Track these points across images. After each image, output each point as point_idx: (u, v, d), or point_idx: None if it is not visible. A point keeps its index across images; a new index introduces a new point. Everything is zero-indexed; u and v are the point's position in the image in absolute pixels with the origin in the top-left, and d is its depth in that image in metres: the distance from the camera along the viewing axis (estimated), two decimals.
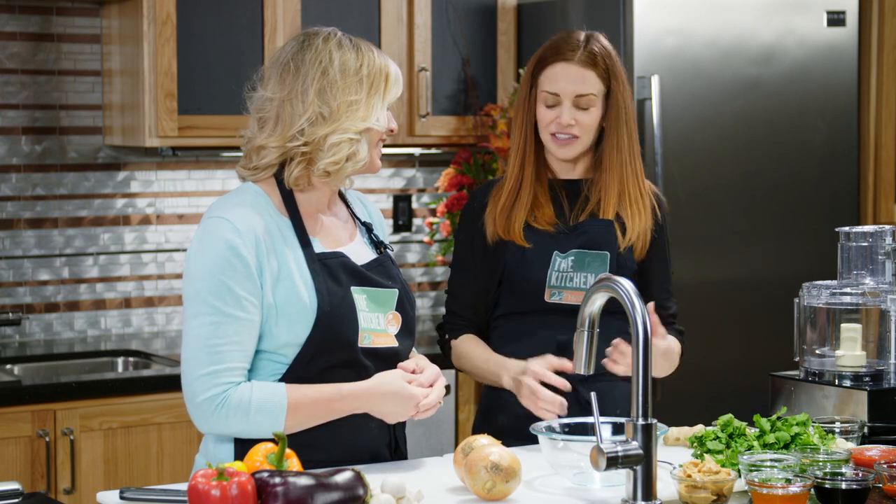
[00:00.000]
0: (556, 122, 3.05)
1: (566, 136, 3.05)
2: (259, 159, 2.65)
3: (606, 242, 3.05)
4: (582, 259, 3.04)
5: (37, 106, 4.46)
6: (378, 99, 2.64)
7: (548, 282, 3.05)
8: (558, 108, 3.05)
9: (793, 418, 2.67)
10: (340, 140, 2.61)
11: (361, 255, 2.72)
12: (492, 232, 3.09)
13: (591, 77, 3.04)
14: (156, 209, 4.64)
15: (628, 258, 3.07)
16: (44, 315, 4.49)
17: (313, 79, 2.61)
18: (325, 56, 2.62)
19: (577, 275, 3.04)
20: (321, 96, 2.60)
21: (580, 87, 3.03)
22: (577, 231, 3.07)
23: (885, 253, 3.07)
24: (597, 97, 3.04)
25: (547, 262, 3.05)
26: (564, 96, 3.04)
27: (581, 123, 3.04)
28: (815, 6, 4.74)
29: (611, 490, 2.48)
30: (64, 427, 3.82)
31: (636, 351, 2.34)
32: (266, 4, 4.42)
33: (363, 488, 2.14)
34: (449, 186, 4.91)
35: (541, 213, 3.08)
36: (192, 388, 2.55)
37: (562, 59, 3.05)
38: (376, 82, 2.64)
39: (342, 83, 2.61)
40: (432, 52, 4.76)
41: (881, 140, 4.96)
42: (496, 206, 3.10)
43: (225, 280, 2.54)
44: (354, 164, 2.64)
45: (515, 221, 3.07)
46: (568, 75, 3.04)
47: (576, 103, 3.04)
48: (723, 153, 4.60)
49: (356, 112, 2.61)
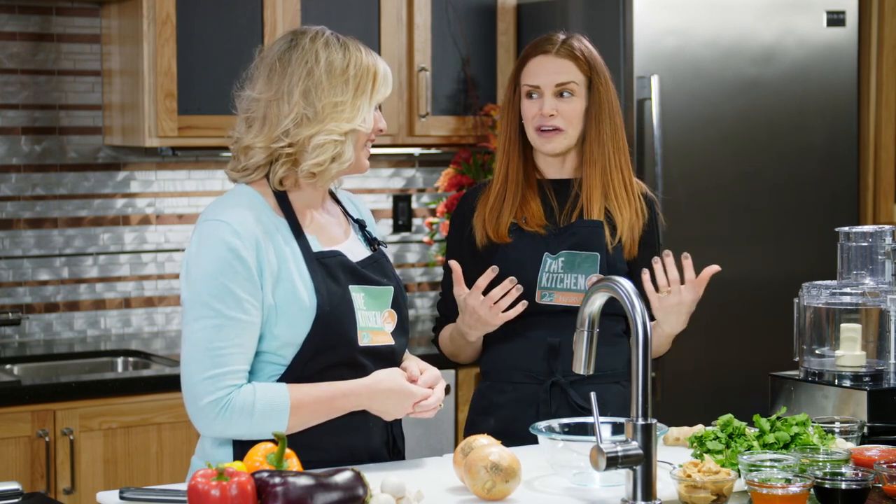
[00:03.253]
0: (538, 115, 3.06)
1: (550, 129, 3.07)
2: (247, 160, 2.65)
3: (596, 243, 3.06)
4: (573, 260, 3.05)
5: (37, 106, 4.46)
6: (365, 99, 2.63)
7: (538, 283, 3.05)
8: (540, 100, 3.07)
9: (792, 418, 2.67)
10: (325, 141, 2.60)
11: (357, 253, 2.72)
12: (481, 235, 3.11)
13: (570, 66, 3.07)
14: (155, 209, 4.64)
15: (618, 258, 3.08)
16: (43, 315, 4.49)
17: (299, 79, 2.60)
18: (312, 56, 2.62)
19: (568, 276, 3.05)
20: (306, 97, 2.60)
21: (558, 76, 3.06)
22: (567, 232, 3.08)
23: (885, 253, 3.07)
24: (578, 86, 3.07)
25: (537, 264, 3.06)
26: (545, 87, 3.07)
27: (563, 113, 3.06)
28: (814, 6, 4.74)
29: (610, 490, 2.48)
30: (64, 427, 3.82)
31: (636, 351, 2.34)
32: (266, 5, 4.42)
33: (363, 488, 2.14)
34: (449, 186, 4.91)
35: (530, 214, 3.09)
36: (194, 391, 2.54)
37: (540, 52, 3.10)
38: (363, 82, 2.63)
39: (328, 84, 2.60)
40: (432, 53, 4.76)
41: (881, 140, 4.96)
42: (484, 208, 3.12)
43: (226, 283, 2.54)
44: (339, 164, 2.63)
45: (502, 223, 3.08)
46: (546, 66, 3.07)
47: (556, 93, 3.06)
48: (723, 153, 4.60)
49: (341, 113, 2.61)
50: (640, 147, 4.41)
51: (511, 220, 3.09)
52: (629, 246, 3.09)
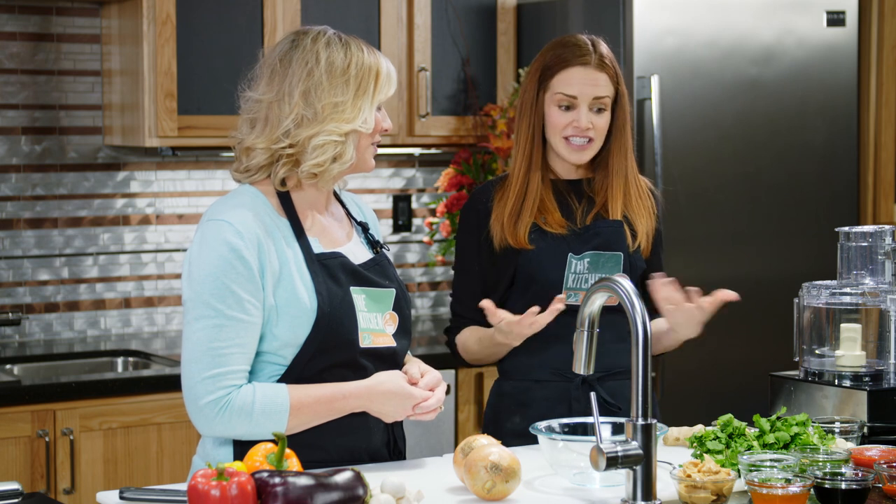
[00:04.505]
0: (572, 126, 3.06)
1: (583, 141, 3.07)
2: (249, 160, 2.65)
3: (619, 243, 3.09)
4: (597, 260, 3.07)
5: (36, 106, 4.46)
6: (366, 99, 2.63)
7: (564, 284, 3.05)
8: (574, 112, 3.06)
9: (792, 418, 2.67)
10: (325, 142, 2.60)
11: (359, 255, 2.72)
12: (500, 238, 3.09)
13: (605, 80, 3.08)
14: (155, 209, 4.64)
15: (637, 258, 3.12)
16: (43, 315, 4.49)
17: (299, 80, 2.60)
18: (312, 56, 2.61)
19: (593, 276, 3.06)
20: (306, 98, 2.60)
21: (597, 89, 3.06)
22: (589, 232, 3.09)
23: (885, 253, 3.07)
24: (610, 100, 3.09)
25: (562, 265, 3.06)
26: (582, 100, 3.06)
27: (596, 127, 3.08)
28: (814, 6, 4.74)
29: (610, 490, 2.48)
30: (63, 427, 3.82)
31: (636, 350, 2.34)
32: (266, 5, 4.42)
33: (363, 488, 2.14)
34: (449, 186, 4.91)
35: (550, 215, 3.09)
36: (195, 391, 2.54)
37: (578, 63, 3.07)
38: (364, 82, 2.63)
39: (328, 84, 2.60)
40: (432, 53, 4.76)
41: (881, 140, 4.96)
42: (503, 210, 3.10)
43: (227, 283, 2.54)
44: (340, 165, 2.63)
45: (521, 227, 3.08)
46: (586, 79, 3.06)
47: (592, 106, 3.06)
48: (722, 153, 4.60)
49: (342, 114, 2.60)
50: (640, 147, 4.40)
51: (531, 221, 3.09)
52: (646, 247, 3.15)
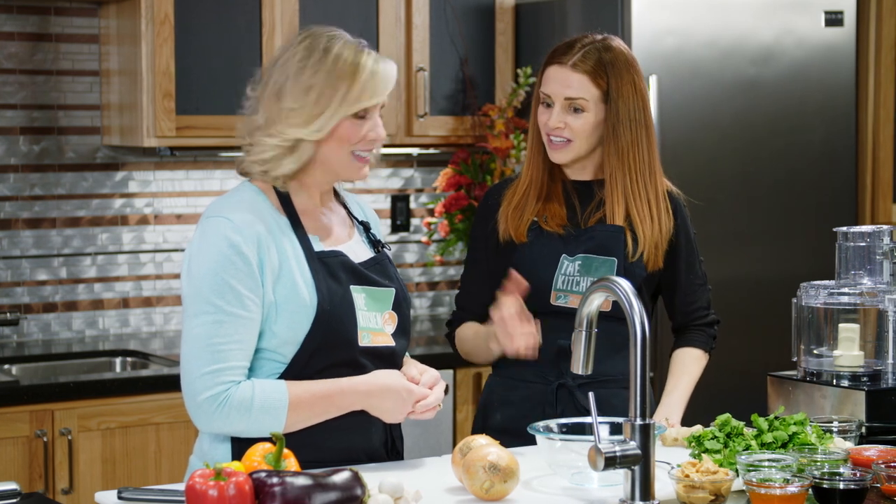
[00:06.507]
0: (547, 125, 3.05)
1: (560, 140, 3.05)
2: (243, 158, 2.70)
3: (614, 248, 3.04)
4: (589, 264, 3.03)
5: (35, 106, 4.46)
6: (330, 108, 2.60)
7: (554, 284, 3.04)
8: (552, 110, 3.05)
9: (790, 418, 2.67)
10: (270, 144, 2.62)
11: (359, 254, 2.73)
12: (503, 230, 3.10)
13: (582, 81, 3.01)
14: (154, 209, 4.64)
15: (638, 266, 3.04)
16: (42, 315, 4.49)
17: (274, 82, 2.64)
18: (291, 59, 2.64)
19: (584, 279, 3.02)
20: (269, 100, 2.63)
21: (568, 90, 3.02)
22: (585, 235, 3.06)
23: (883, 253, 3.07)
24: (588, 101, 3.01)
25: (554, 265, 3.05)
26: (555, 98, 3.04)
27: (571, 127, 3.03)
28: (813, 6, 4.74)
29: (609, 490, 2.48)
30: (62, 427, 3.82)
31: (634, 350, 2.34)
32: (264, 5, 4.42)
33: (361, 488, 2.14)
34: (447, 186, 4.91)
35: (551, 213, 3.07)
36: (193, 386, 2.54)
37: (555, 61, 3.05)
38: (329, 91, 2.60)
39: (291, 88, 2.61)
40: (430, 52, 4.76)
41: (879, 140, 4.96)
42: (509, 204, 3.11)
43: (227, 279, 2.54)
44: (284, 168, 2.63)
45: (523, 221, 3.08)
46: (557, 78, 3.04)
47: (566, 106, 3.03)
48: (721, 153, 4.60)
49: (292, 119, 2.61)
50: None
51: (533, 217, 3.08)
52: (653, 258, 3.06)
